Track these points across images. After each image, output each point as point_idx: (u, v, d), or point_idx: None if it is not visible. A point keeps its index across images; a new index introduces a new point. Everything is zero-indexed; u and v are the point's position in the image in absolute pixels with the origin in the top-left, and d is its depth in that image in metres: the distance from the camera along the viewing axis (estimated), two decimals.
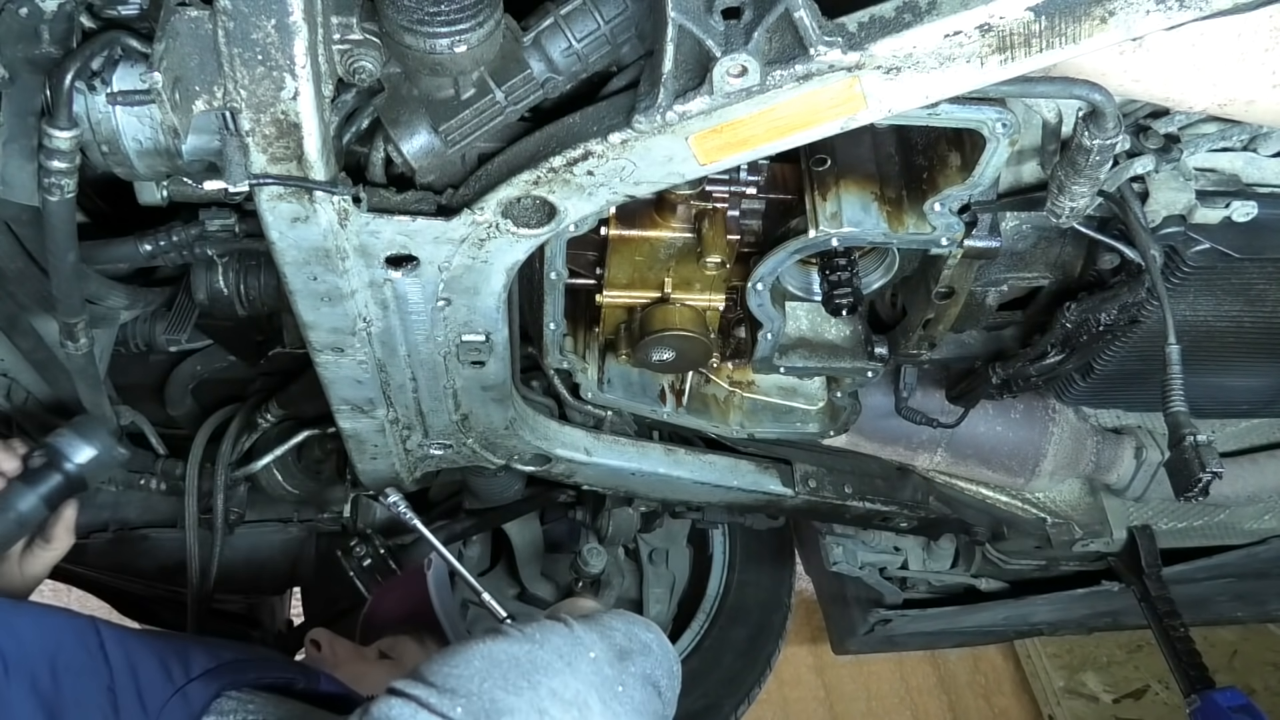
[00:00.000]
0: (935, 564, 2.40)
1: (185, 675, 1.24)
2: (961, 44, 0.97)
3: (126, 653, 1.23)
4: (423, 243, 1.18)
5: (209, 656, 1.29)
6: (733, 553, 2.83)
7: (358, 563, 1.90)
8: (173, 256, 1.54)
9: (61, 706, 1.15)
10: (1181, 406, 1.28)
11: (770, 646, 2.79)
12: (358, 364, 1.41)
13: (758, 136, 1.05)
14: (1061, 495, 2.09)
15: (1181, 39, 1.06)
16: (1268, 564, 2.23)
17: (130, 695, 1.20)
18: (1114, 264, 1.42)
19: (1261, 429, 2.05)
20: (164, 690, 1.21)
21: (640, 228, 1.40)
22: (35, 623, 1.23)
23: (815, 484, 1.93)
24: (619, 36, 1.10)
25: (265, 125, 1.00)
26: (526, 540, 2.48)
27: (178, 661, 1.25)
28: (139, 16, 1.11)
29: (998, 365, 1.61)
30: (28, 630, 1.21)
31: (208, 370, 1.94)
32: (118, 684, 1.20)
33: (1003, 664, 3.79)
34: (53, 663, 1.18)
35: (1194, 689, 1.99)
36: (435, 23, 0.97)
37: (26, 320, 1.53)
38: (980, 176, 1.21)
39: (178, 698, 1.21)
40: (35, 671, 1.17)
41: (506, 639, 1.10)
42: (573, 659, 1.12)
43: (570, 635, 1.15)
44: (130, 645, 1.25)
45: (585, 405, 1.71)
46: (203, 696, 1.22)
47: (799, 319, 1.62)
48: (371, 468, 1.73)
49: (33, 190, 1.21)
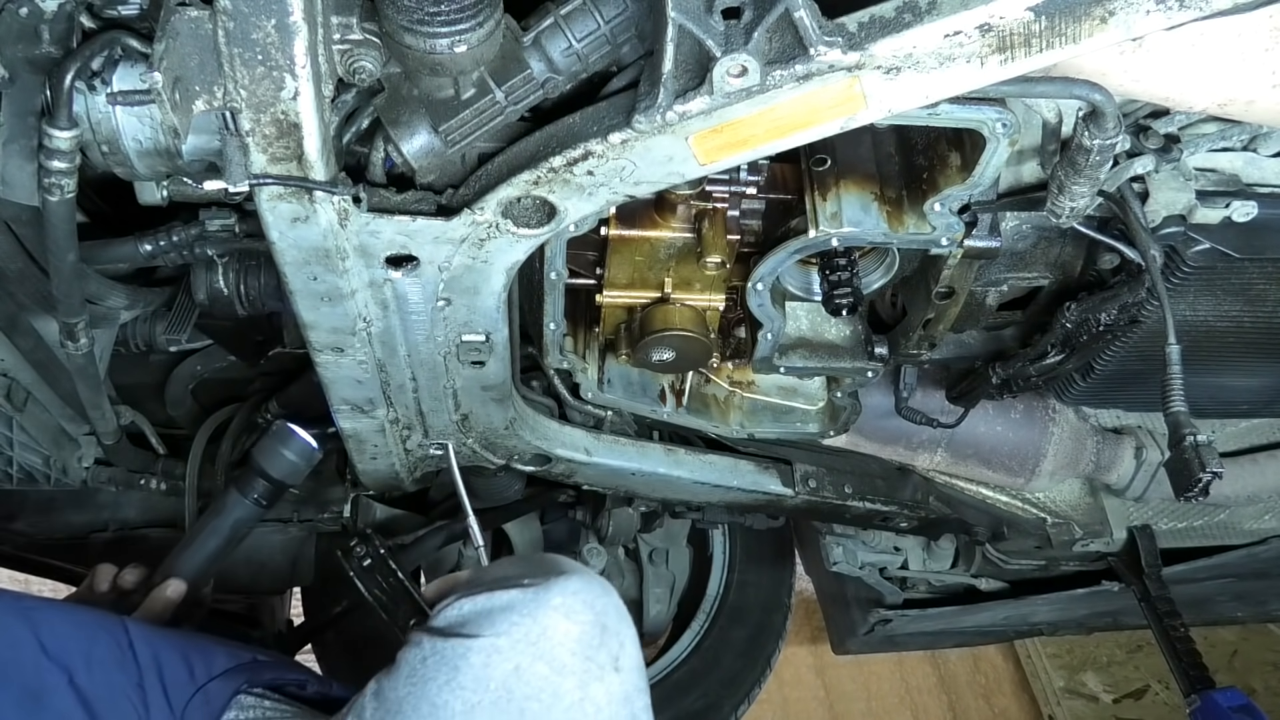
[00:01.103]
0: (935, 564, 2.40)
1: (207, 673, 1.26)
2: (961, 44, 0.97)
3: (153, 651, 1.25)
4: (423, 243, 1.18)
5: (229, 656, 1.32)
6: (733, 553, 2.83)
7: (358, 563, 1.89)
8: (173, 256, 1.54)
9: (97, 700, 1.18)
10: (1181, 406, 1.28)
11: (770, 646, 2.79)
12: (358, 364, 1.41)
13: (758, 136, 1.05)
14: (1061, 495, 2.09)
15: (1181, 39, 1.06)
16: (1268, 564, 2.23)
17: (157, 692, 1.22)
18: (1114, 264, 1.42)
19: (1261, 429, 2.05)
20: (187, 687, 1.24)
21: (640, 228, 1.40)
22: (69, 619, 1.25)
23: (815, 484, 1.93)
24: (619, 36, 1.10)
25: (265, 125, 1.00)
26: (526, 540, 2.48)
27: (200, 660, 1.28)
28: (139, 16, 1.11)
29: (998, 365, 1.61)
30: (63, 626, 1.23)
31: (208, 370, 1.94)
32: (146, 680, 1.22)
33: (1003, 664, 3.79)
34: (88, 658, 1.20)
35: (1194, 689, 1.99)
36: (435, 23, 0.97)
37: (26, 320, 1.53)
38: (980, 176, 1.21)
39: (200, 695, 1.24)
40: (72, 665, 1.19)
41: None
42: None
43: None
44: (156, 644, 1.27)
45: (585, 405, 1.70)
46: (223, 694, 1.25)
47: (799, 319, 1.62)
48: (371, 468, 1.73)
49: (33, 190, 1.21)
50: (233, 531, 1.63)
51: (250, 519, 1.64)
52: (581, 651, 1.06)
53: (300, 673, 1.38)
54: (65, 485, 1.98)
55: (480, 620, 1.08)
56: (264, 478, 1.63)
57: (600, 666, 1.07)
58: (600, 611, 1.10)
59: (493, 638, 1.06)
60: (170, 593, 1.51)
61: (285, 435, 1.64)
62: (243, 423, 1.97)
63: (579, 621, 1.08)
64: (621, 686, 1.08)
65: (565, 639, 1.06)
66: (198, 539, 1.62)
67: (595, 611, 1.10)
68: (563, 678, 1.05)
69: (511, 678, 1.04)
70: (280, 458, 1.63)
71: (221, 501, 1.65)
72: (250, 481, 1.63)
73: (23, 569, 2.23)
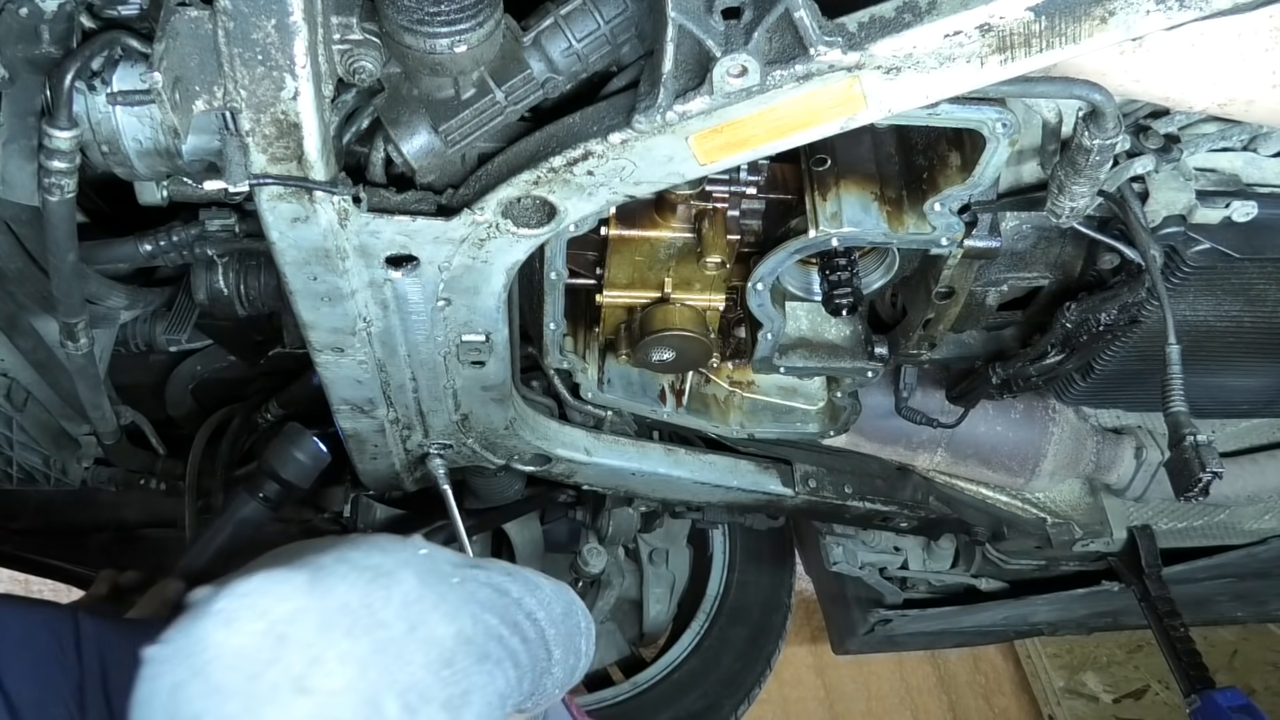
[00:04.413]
0: (935, 564, 2.40)
1: None
2: (961, 44, 0.97)
3: (102, 651, 1.20)
4: (423, 243, 1.18)
5: None
6: (733, 553, 2.83)
7: None
8: (173, 256, 1.54)
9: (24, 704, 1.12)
10: (1181, 406, 1.28)
11: (770, 646, 2.79)
12: (358, 364, 1.41)
13: (758, 136, 1.05)
14: (1061, 495, 2.09)
15: (1181, 39, 1.06)
16: (1268, 564, 2.23)
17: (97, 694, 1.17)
18: (1114, 264, 1.42)
19: (1261, 429, 2.05)
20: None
21: (640, 228, 1.40)
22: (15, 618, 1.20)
23: (815, 484, 1.93)
24: (619, 36, 1.10)
25: (265, 125, 1.00)
26: (526, 540, 2.48)
27: None
28: (139, 16, 1.12)
29: (998, 365, 1.61)
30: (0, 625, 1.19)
31: (208, 370, 1.95)
32: (86, 683, 1.17)
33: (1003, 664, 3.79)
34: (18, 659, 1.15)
35: (1194, 689, 1.99)
36: (435, 23, 0.97)
37: (26, 320, 1.53)
38: (980, 176, 1.21)
39: None
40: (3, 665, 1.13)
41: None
42: (391, 548, 0.96)
43: (409, 541, 1.01)
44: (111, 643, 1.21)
45: (585, 405, 1.70)
46: None
47: (799, 319, 1.62)
48: (371, 468, 1.73)
49: (33, 190, 1.21)
50: (237, 530, 1.63)
51: (256, 519, 1.64)
52: (245, 668, 0.86)
53: None
54: (65, 485, 1.98)
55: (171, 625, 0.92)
56: (273, 478, 1.63)
57: (273, 687, 0.86)
58: (278, 619, 0.88)
59: (157, 647, 0.90)
60: (169, 592, 1.50)
61: (297, 436, 1.64)
62: (243, 423, 1.97)
63: (242, 631, 0.87)
64: (313, 712, 0.86)
65: (221, 653, 0.87)
66: (203, 539, 1.62)
67: (269, 619, 0.88)
68: (225, 700, 0.86)
69: (169, 699, 0.87)
70: (291, 458, 1.63)
71: (229, 502, 1.65)
72: (259, 481, 1.64)
73: (23, 569, 2.23)
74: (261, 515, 1.65)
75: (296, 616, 0.89)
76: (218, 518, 1.64)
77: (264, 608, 0.89)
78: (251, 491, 1.63)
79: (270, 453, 1.65)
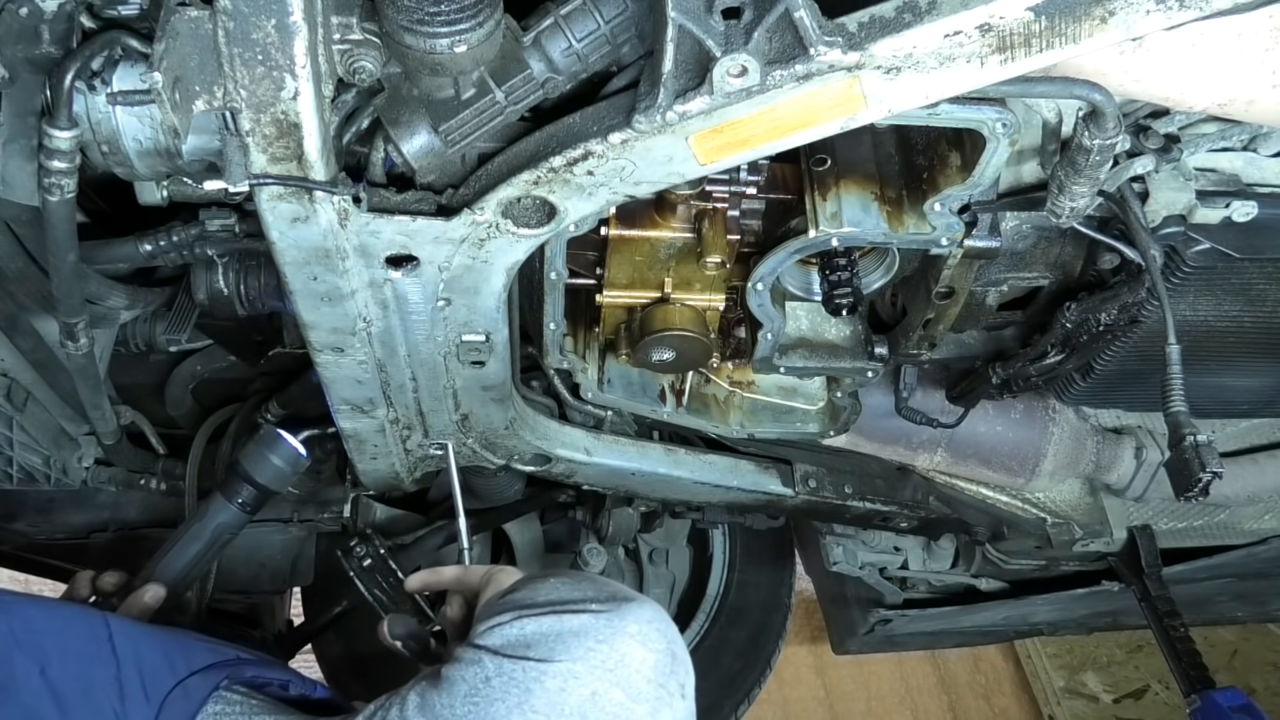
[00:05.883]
0: (935, 564, 2.40)
1: (188, 668, 1.25)
2: (961, 44, 0.97)
3: (134, 645, 1.24)
4: (423, 243, 1.18)
5: (211, 653, 1.31)
6: (733, 553, 2.83)
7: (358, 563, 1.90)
8: (173, 256, 1.54)
9: (69, 693, 1.17)
10: (1181, 406, 1.28)
11: (770, 646, 2.79)
12: (358, 364, 1.41)
13: (758, 136, 1.05)
14: (1061, 495, 2.09)
15: (1181, 39, 1.06)
16: (1268, 564, 2.23)
17: (135, 685, 1.21)
18: (1114, 264, 1.42)
19: (1261, 429, 2.05)
20: (167, 682, 1.23)
21: (640, 228, 1.40)
22: (46, 612, 1.25)
23: (815, 484, 1.93)
24: (619, 36, 1.10)
25: (265, 125, 1.00)
26: (526, 540, 2.48)
27: (181, 655, 1.27)
28: (139, 16, 1.11)
29: (998, 365, 1.61)
30: (38, 618, 1.22)
31: (208, 370, 1.94)
32: (124, 674, 1.21)
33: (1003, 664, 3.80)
34: (63, 650, 1.20)
35: (1194, 689, 1.99)
36: (435, 23, 0.97)
37: (26, 320, 1.53)
38: (980, 176, 1.21)
39: (179, 689, 1.23)
40: (46, 657, 1.18)
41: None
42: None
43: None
44: (137, 638, 1.26)
45: (585, 405, 1.70)
46: (203, 689, 1.24)
47: (799, 319, 1.62)
48: (371, 468, 1.73)
49: (33, 190, 1.21)
50: (215, 536, 1.60)
51: (234, 524, 1.61)
52: (656, 679, 1.09)
53: (284, 673, 1.37)
54: (65, 485, 1.98)
55: (550, 643, 1.09)
56: (249, 483, 1.60)
57: (670, 694, 1.10)
58: (671, 640, 1.13)
59: (569, 663, 1.07)
60: (149, 598, 1.50)
61: (272, 440, 1.61)
62: (243, 423, 1.97)
63: (654, 650, 1.10)
64: (686, 713, 1.13)
65: (642, 666, 1.09)
66: (179, 544, 1.59)
67: (668, 640, 1.12)
68: (637, 704, 1.07)
69: (587, 703, 1.05)
70: (266, 463, 1.60)
71: (205, 506, 1.62)
72: (235, 486, 1.61)
73: (23, 569, 2.23)
74: (239, 521, 1.62)
75: (677, 638, 1.15)
76: (193, 523, 1.61)
77: (663, 630, 1.12)
78: (228, 496, 1.60)
79: (245, 456, 1.62)
